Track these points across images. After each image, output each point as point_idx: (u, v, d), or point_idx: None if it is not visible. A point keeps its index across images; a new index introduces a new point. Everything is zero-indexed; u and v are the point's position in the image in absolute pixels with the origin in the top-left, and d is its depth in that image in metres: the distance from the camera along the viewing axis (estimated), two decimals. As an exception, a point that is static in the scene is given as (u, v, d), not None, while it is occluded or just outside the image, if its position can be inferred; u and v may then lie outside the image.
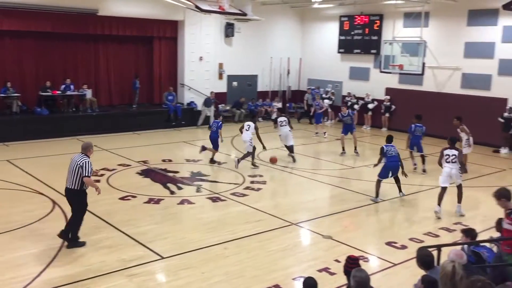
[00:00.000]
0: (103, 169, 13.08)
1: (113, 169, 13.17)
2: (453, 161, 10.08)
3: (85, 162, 7.79)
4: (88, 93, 18.82)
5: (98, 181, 11.98)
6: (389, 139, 11.55)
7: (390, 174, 11.10)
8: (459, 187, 10.34)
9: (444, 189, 10.18)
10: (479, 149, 17.22)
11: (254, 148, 13.86)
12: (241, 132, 14.03)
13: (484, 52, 17.90)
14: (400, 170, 11.08)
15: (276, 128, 15.42)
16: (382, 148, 11.20)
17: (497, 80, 17.72)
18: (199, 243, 8.44)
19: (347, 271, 5.34)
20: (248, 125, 13.92)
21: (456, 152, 10.16)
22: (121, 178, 12.48)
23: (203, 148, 14.09)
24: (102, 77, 20.10)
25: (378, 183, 11.14)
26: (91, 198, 10.58)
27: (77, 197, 8.02)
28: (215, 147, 14.10)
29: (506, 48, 17.38)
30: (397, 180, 11.26)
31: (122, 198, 10.80)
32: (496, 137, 17.38)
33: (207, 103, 20.66)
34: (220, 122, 14.31)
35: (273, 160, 14.22)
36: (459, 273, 4.21)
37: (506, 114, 16.99)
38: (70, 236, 8.09)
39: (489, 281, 3.43)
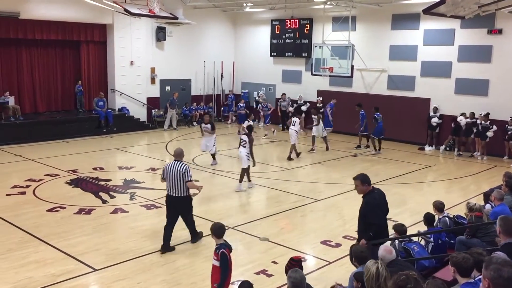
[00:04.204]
0: (29, 180, 12.43)
1: (40, 180, 12.53)
2: (244, 145, 11.93)
3: (186, 168, 8.26)
4: (11, 100, 17.88)
5: (23, 193, 11.43)
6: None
7: None
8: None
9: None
10: (405, 147, 18.08)
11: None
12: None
13: (407, 55, 18.80)
14: None
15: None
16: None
17: (420, 81, 18.65)
18: (133, 253, 8.21)
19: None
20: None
21: (247, 138, 12.05)
22: (49, 189, 11.89)
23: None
24: (26, 83, 19.10)
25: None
26: (15, 211, 10.08)
27: (186, 203, 8.51)
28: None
29: (427, 51, 18.35)
30: None
31: (50, 210, 10.28)
32: (421, 135, 18.28)
33: (172, 104, 20.95)
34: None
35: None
36: (383, 274, 4.23)
37: (432, 114, 17.87)
38: (194, 235, 8.85)
39: (416, 275, 3.52)
